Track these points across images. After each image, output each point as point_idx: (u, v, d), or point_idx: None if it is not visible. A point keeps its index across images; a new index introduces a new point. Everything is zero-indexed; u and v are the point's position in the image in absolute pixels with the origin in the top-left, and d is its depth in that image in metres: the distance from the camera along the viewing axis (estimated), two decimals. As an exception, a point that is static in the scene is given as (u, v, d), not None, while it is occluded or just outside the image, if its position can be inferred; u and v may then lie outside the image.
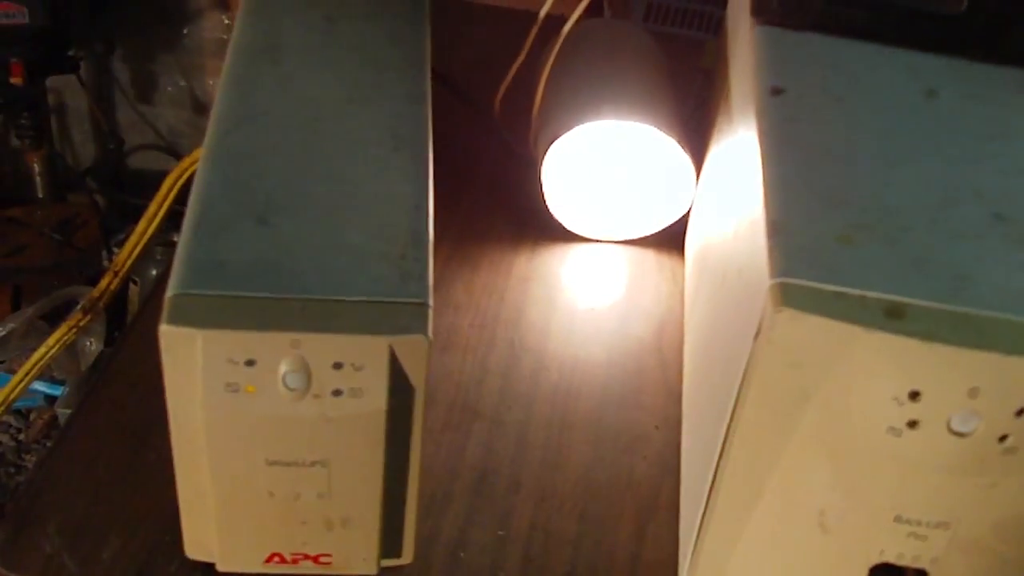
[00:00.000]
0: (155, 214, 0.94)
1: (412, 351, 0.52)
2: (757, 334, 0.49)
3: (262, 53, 0.68)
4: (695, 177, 0.79)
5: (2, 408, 0.84)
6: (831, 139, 0.58)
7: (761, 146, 0.57)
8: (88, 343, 1.61)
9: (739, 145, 0.64)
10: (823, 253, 0.50)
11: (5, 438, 1.67)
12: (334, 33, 0.71)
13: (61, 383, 1.62)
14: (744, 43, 0.69)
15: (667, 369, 0.74)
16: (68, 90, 1.77)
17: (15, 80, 1.49)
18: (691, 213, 0.82)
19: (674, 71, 0.87)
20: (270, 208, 0.57)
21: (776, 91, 0.61)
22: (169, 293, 0.52)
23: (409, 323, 0.52)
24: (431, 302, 0.53)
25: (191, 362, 0.51)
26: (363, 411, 0.53)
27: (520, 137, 0.86)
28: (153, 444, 0.66)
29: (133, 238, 0.99)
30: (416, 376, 0.53)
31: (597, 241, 0.84)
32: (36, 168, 1.69)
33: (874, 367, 0.48)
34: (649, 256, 0.83)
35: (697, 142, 0.80)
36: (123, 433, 0.67)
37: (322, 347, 0.51)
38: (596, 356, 0.75)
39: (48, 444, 1.60)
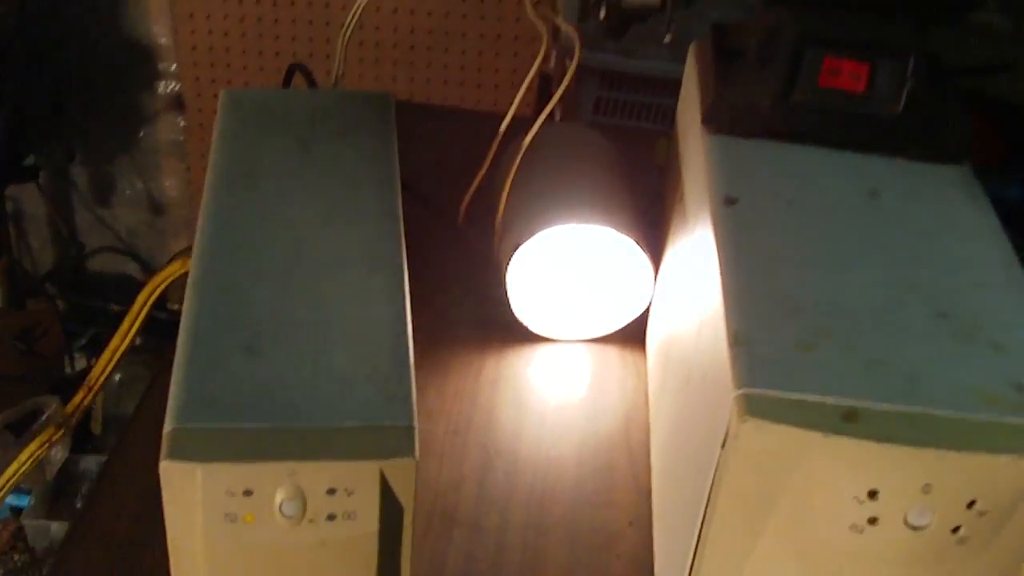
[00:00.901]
0: (128, 331, 0.96)
1: (401, 473, 0.55)
2: (724, 442, 0.52)
3: (239, 180, 0.72)
4: (654, 275, 0.83)
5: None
6: (784, 245, 0.62)
7: (719, 256, 0.61)
8: (54, 451, 1.61)
9: (696, 251, 0.67)
10: (783, 361, 0.54)
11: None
12: (308, 155, 0.74)
13: (27, 493, 1.62)
14: (696, 150, 0.73)
15: (636, 465, 0.77)
16: (25, 196, 1.79)
17: (-29, 192, 1.51)
18: (651, 308, 0.85)
19: (628, 162, 0.91)
20: (258, 337, 0.59)
21: (730, 201, 0.65)
22: (167, 428, 0.54)
23: (397, 446, 0.55)
24: (416, 423, 0.56)
25: (191, 494, 0.54)
26: (356, 533, 0.55)
27: (484, 239, 0.89)
28: (144, 568, 0.67)
29: (106, 354, 1.01)
30: (405, 496, 0.56)
31: (562, 341, 0.87)
32: (-6, 277, 1.70)
33: (835, 469, 0.51)
34: (612, 353, 0.87)
35: (655, 238, 0.83)
36: (114, 560, 0.68)
37: (316, 474, 0.54)
38: (567, 456, 0.78)
39: (15, 556, 1.60)
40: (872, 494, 0.52)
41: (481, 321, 0.88)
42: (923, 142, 0.70)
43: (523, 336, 0.87)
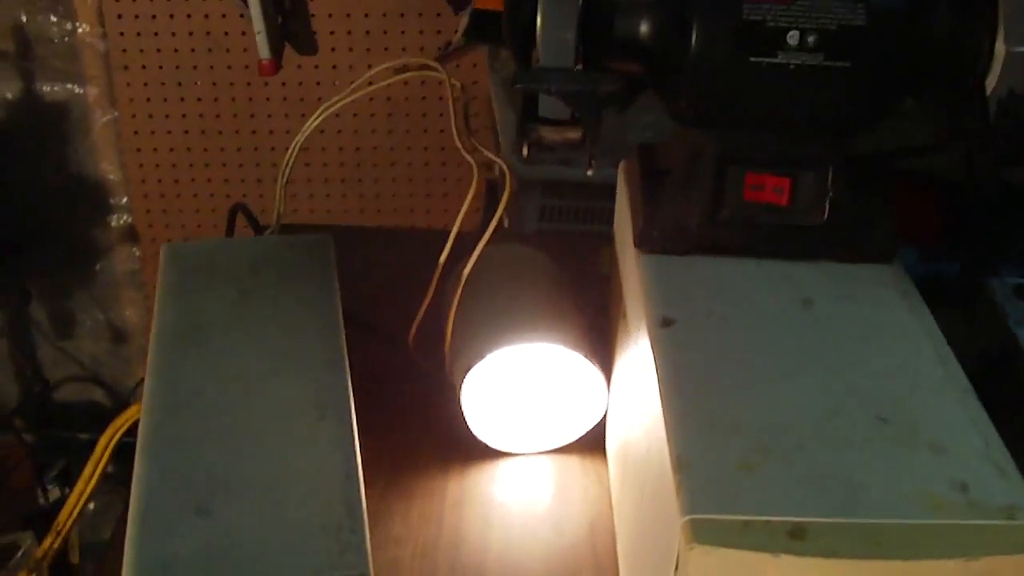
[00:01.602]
0: (91, 475, 0.97)
1: (361, 623, 0.55)
2: (676, 567, 0.53)
3: (184, 334, 0.73)
4: (606, 385, 0.84)
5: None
6: (722, 363, 0.64)
7: (658, 378, 0.62)
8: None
9: (638, 370, 0.69)
10: (727, 483, 0.55)
11: None
12: (250, 305, 0.75)
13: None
14: (632, 270, 0.74)
15: (603, 573, 0.78)
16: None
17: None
18: (607, 416, 0.86)
19: (576, 270, 0.92)
20: (210, 496, 0.60)
21: (667, 322, 0.67)
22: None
23: (354, 598, 0.55)
24: (371, 571, 0.56)
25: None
26: None
27: (436, 362, 0.90)
28: None
29: (72, 499, 1.01)
30: (366, 645, 0.56)
31: (523, 455, 0.88)
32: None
33: (787, 589, 0.52)
34: (574, 463, 0.88)
35: (605, 347, 0.85)
36: None
37: (274, 635, 0.54)
38: (536, 568, 0.78)
39: None
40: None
41: (441, 443, 0.89)
42: (849, 245, 0.72)
43: (484, 453, 0.87)
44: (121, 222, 1.80)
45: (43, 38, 1.71)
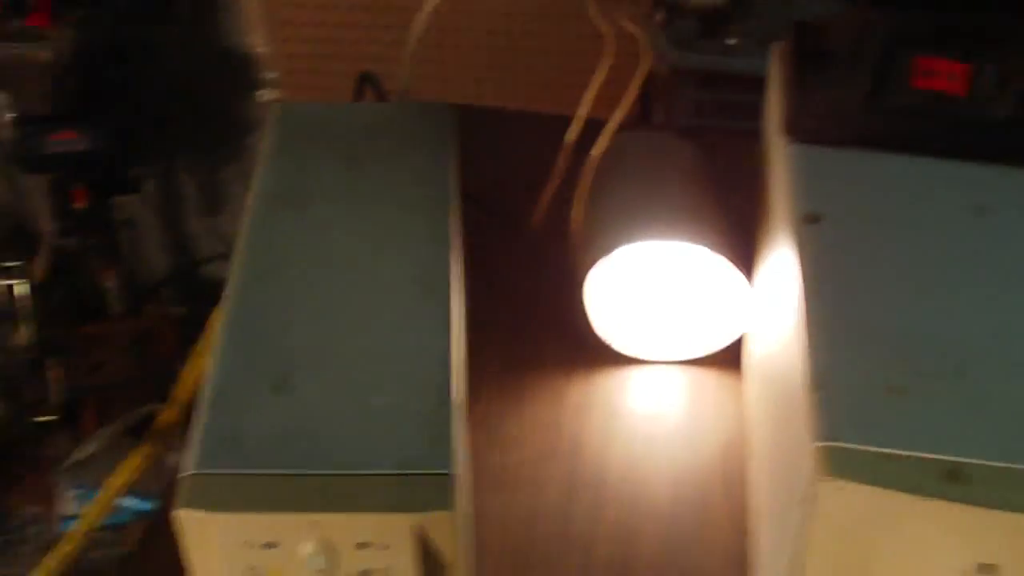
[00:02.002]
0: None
1: (439, 527, 0.49)
2: (805, 502, 0.45)
3: (284, 200, 0.67)
4: (750, 294, 0.76)
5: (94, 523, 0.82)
6: (876, 269, 0.55)
7: (800, 282, 0.54)
8: (171, 456, 1.61)
9: (779, 275, 0.60)
10: (872, 408, 0.47)
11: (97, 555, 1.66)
12: (359, 174, 0.69)
13: (149, 498, 1.61)
14: (778, 161, 0.66)
15: (733, 500, 0.70)
16: (137, 207, 1.79)
17: (79, 205, 1.51)
18: (749, 330, 0.78)
19: (729, 168, 0.84)
20: (291, 371, 0.55)
21: (813, 218, 0.58)
22: (183, 473, 0.50)
23: (434, 498, 0.49)
24: (458, 470, 0.50)
25: (210, 544, 0.49)
26: (393, 591, 0.50)
27: (563, 253, 0.83)
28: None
29: (193, 371, 0.99)
30: (448, 551, 0.50)
31: (655, 363, 0.81)
32: (109, 285, 1.71)
33: (937, 538, 0.44)
34: (708, 377, 0.80)
35: (751, 255, 0.76)
36: None
37: (344, 527, 0.48)
38: (658, 489, 0.71)
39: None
40: (986, 568, 0.44)
41: (564, 343, 0.82)
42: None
43: (610, 358, 0.80)
44: (269, 97, 1.77)
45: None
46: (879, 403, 0.47)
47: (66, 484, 1.55)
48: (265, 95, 1.79)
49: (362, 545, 0.49)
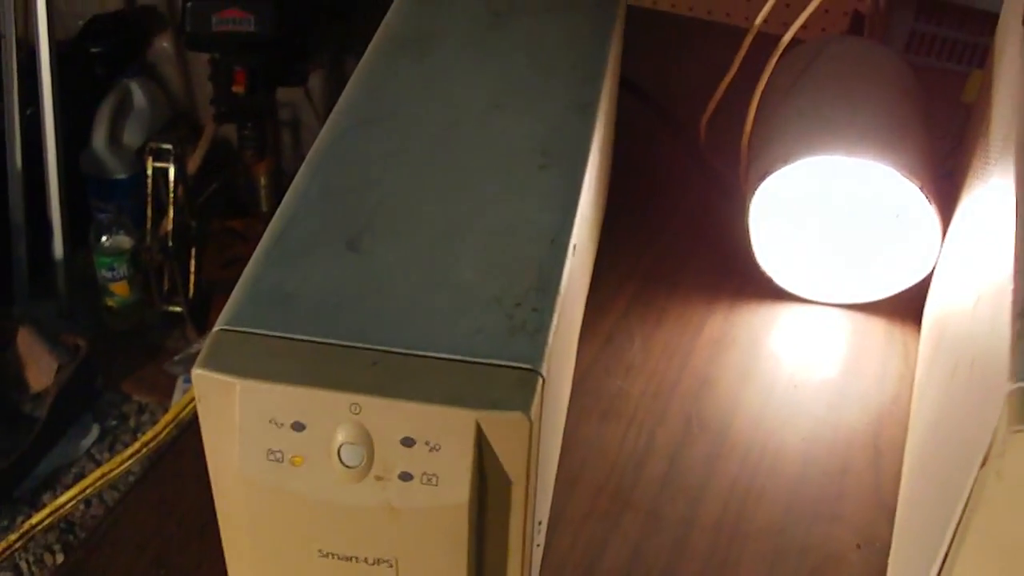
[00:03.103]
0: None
1: (508, 432, 0.39)
2: (985, 460, 0.34)
3: (409, 44, 0.58)
4: (941, 233, 0.63)
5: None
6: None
7: (1018, 200, 0.42)
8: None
9: (991, 201, 0.48)
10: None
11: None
12: (499, 28, 0.59)
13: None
14: (1012, 61, 0.53)
15: (881, 473, 0.58)
16: (303, 103, 1.73)
17: (237, 89, 1.45)
18: (933, 277, 0.65)
19: (932, 107, 0.71)
20: (368, 229, 0.45)
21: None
22: (216, 327, 0.41)
23: (507, 395, 0.39)
24: (545, 370, 0.40)
25: (229, 416, 0.40)
26: (439, 504, 0.40)
27: (731, 166, 0.72)
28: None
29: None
30: (514, 464, 0.40)
31: (813, 303, 0.69)
32: (261, 181, 1.66)
33: None
34: (877, 326, 0.67)
35: (948, 191, 0.63)
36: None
37: (389, 416, 0.39)
38: (791, 446, 0.60)
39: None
40: None
41: (715, 264, 0.71)
42: None
43: (764, 290, 0.69)
44: None
45: None
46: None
47: (180, 377, 1.52)
48: None
49: (408, 441, 0.39)
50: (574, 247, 0.46)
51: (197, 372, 0.40)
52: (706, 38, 0.94)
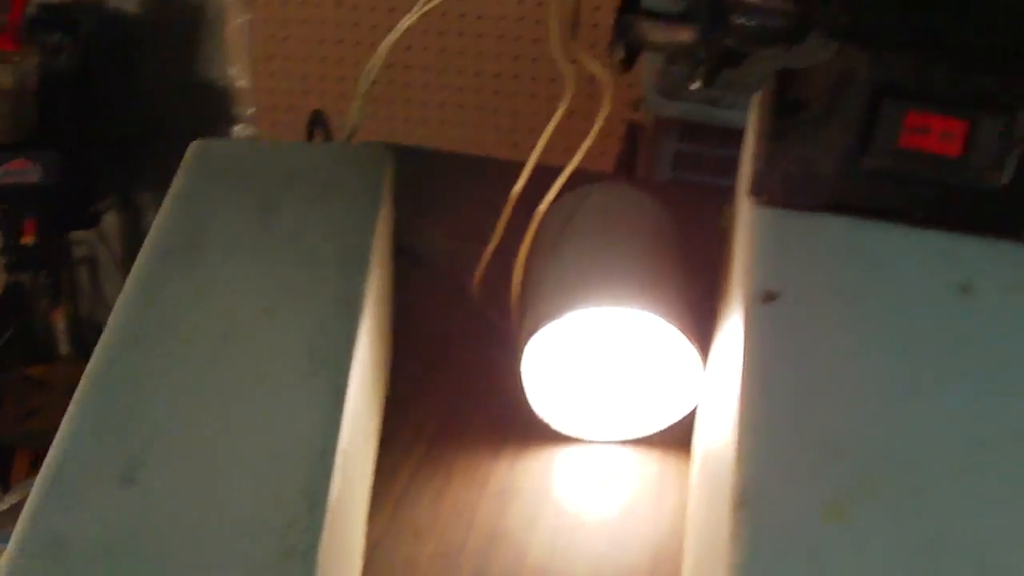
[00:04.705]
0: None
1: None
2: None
3: (178, 251, 0.59)
4: (702, 368, 0.68)
5: None
6: (834, 360, 0.47)
7: (742, 371, 0.46)
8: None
9: (728, 359, 0.53)
10: (802, 534, 0.39)
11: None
12: (267, 223, 0.62)
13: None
14: (742, 227, 0.58)
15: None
16: (97, 244, 1.72)
17: (27, 239, 1.44)
18: (698, 410, 0.70)
19: (699, 228, 0.76)
20: (142, 460, 0.47)
21: (769, 296, 0.50)
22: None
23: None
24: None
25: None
26: None
27: (508, 316, 0.75)
28: None
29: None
30: None
31: (592, 443, 0.73)
32: (59, 325, 1.63)
33: None
34: (653, 461, 0.72)
35: (710, 321, 0.68)
36: None
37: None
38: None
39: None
40: None
41: (498, 414, 0.74)
42: (1035, 220, 0.54)
43: (546, 436, 0.72)
44: (246, 133, 1.71)
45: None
46: (811, 529, 0.39)
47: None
48: (241, 130, 1.73)
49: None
50: (344, 453, 0.49)
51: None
52: (483, 176, 0.98)
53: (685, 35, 0.56)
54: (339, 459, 0.48)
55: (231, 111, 1.70)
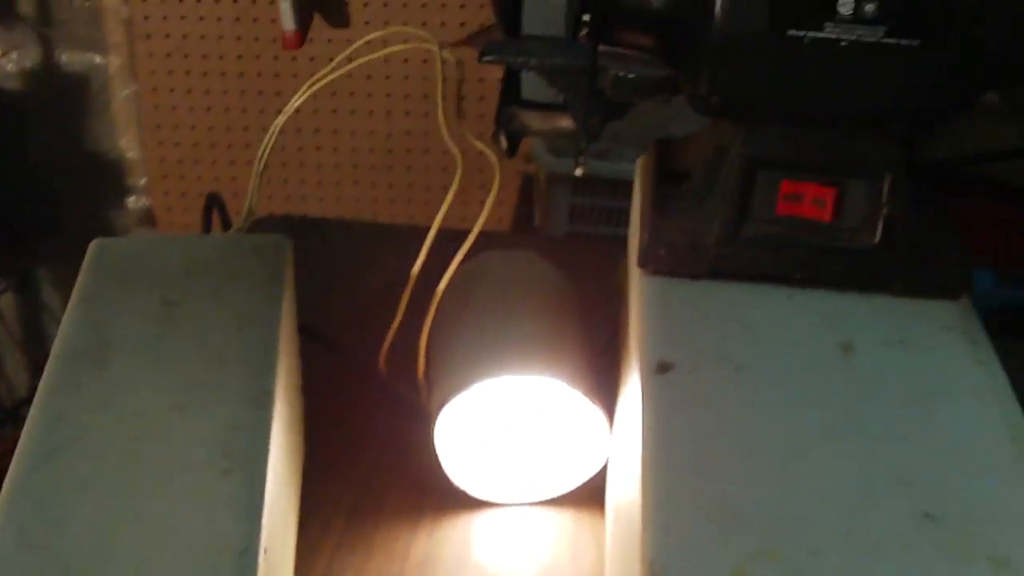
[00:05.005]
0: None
1: None
2: None
3: (86, 355, 0.60)
4: (609, 430, 0.70)
5: None
6: (731, 426, 0.50)
7: (642, 443, 0.48)
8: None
9: (630, 428, 0.55)
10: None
11: None
12: (172, 320, 0.63)
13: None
14: (633, 295, 0.61)
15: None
16: (-3, 321, 1.70)
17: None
18: (608, 467, 0.72)
19: (597, 283, 0.78)
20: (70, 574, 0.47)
21: (663, 367, 0.53)
22: None
23: None
24: None
25: None
26: None
27: (413, 390, 0.77)
28: None
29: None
30: None
31: (509, 506, 0.75)
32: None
33: None
34: (565, 520, 0.74)
35: (613, 385, 0.71)
36: None
37: None
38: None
39: None
40: None
41: (416, 486, 0.75)
42: (908, 276, 0.57)
43: (463, 503, 0.74)
44: (139, 204, 1.70)
45: (64, 1, 1.61)
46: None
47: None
48: (135, 201, 1.72)
49: None
50: (265, 550, 0.50)
51: None
52: (393, 242, 0.99)
53: (565, 123, 0.59)
54: (260, 557, 0.49)
55: (124, 182, 1.69)
